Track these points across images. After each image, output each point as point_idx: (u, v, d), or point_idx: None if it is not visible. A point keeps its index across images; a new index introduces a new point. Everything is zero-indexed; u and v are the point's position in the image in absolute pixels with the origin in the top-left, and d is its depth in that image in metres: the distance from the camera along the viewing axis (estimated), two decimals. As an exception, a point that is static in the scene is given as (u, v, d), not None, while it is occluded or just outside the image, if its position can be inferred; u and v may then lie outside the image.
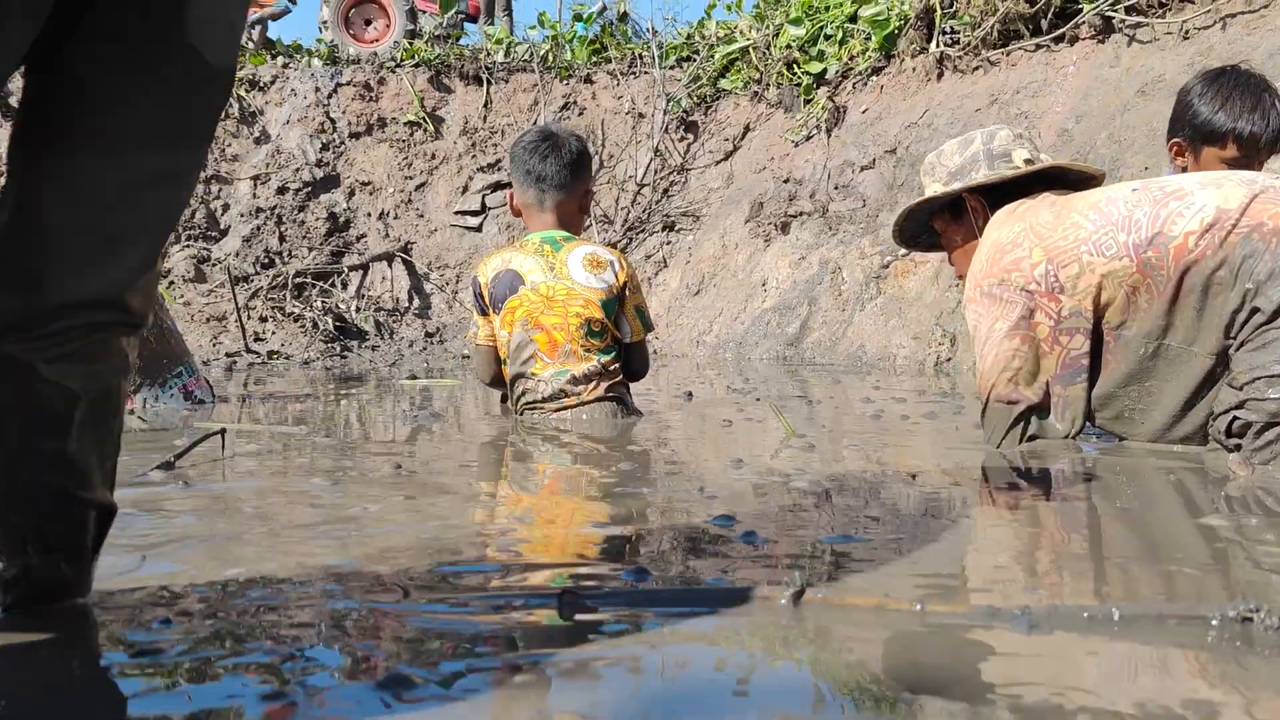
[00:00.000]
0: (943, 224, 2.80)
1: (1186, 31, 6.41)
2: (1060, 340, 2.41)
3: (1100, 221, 2.38)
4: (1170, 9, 6.64)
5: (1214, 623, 1.08)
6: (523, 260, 3.24)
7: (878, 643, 1.09)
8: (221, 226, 9.84)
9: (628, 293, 3.26)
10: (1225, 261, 2.22)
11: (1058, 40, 7.20)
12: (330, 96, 10.64)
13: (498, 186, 10.26)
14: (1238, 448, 2.20)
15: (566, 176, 3.26)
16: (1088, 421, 2.46)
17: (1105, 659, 1.03)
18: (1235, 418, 2.19)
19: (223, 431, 2.53)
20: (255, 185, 10.07)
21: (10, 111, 9.79)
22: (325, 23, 12.18)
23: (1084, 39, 7.08)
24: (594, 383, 3.21)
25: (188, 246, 9.49)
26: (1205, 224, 2.25)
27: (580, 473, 2.34)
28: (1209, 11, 6.34)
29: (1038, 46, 7.32)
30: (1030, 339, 2.44)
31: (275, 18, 11.81)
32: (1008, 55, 7.50)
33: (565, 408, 3.20)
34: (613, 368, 3.25)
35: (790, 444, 2.73)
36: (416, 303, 9.71)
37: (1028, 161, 2.63)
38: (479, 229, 10.15)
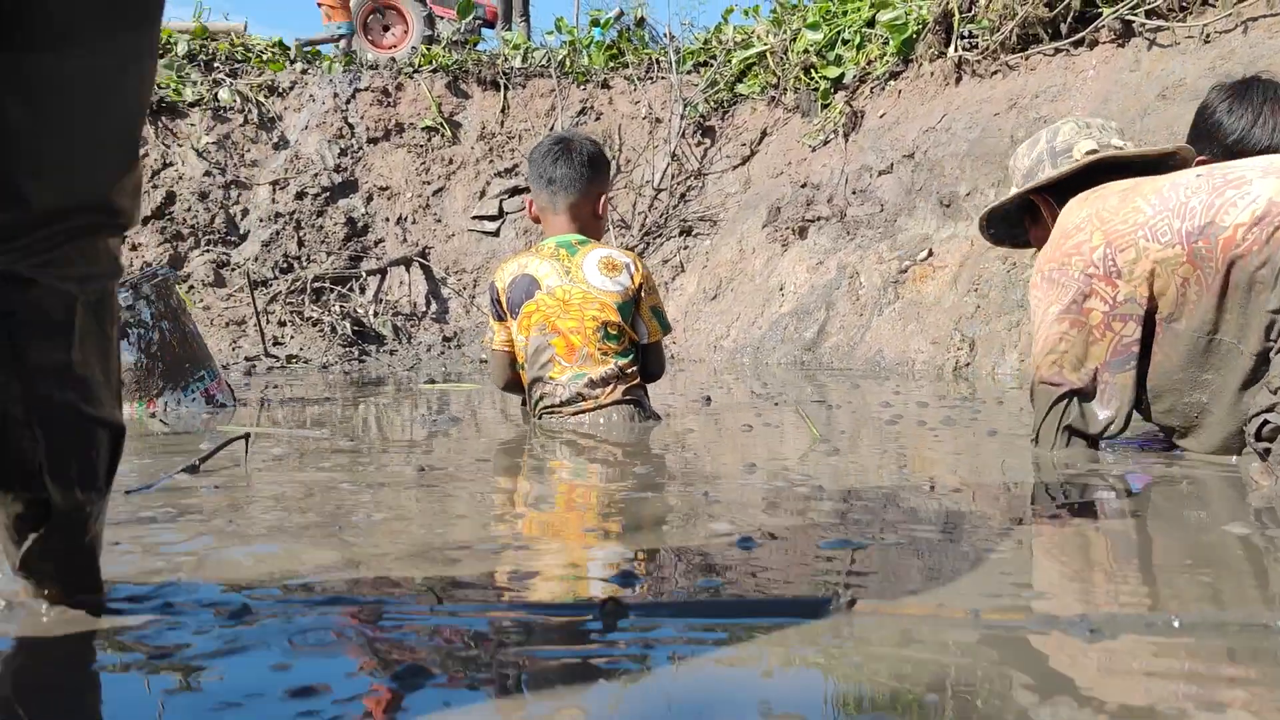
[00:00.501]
0: (1027, 224, 2.83)
1: (1207, 35, 6.37)
2: (1113, 326, 2.36)
3: (1159, 206, 2.32)
4: (1191, 12, 6.61)
5: (1277, 628, 1.07)
6: (539, 265, 3.25)
7: (935, 651, 1.06)
8: (240, 231, 9.88)
9: (643, 294, 3.27)
10: (1269, 260, 2.15)
11: (1077, 44, 7.17)
12: (348, 102, 10.69)
13: (515, 191, 10.29)
14: (1267, 452, 2.16)
15: (579, 179, 3.28)
16: (1131, 417, 2.41)
17: (1169, 666, 1.01)
18: (1266, 421, 2.15)
19: (247, 436, 2.54)
20: (274, 190, 10.12)
21: None
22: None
23: (1104, 43, 7.05)
24: (611, 386, 3.21)
25: (207, 251, 9.54)
26: (1255, 216, 2.17)
27: (601, 478, 2.34)
28: (1230, 15, 6.31)
29: (1057, 50, 7.29)
30: (1080, 324, 2.40)
31: (332, 41, 11.87)
32: (1026, 59, 7.47)
33: (583, 411, 3.20)
34: (630, 370, 3.25)
35: (815, 448, 2.73)
36: (434, 307, 9.74)
37: (1091, 153, 2.59)
38: (496, 234, 10.17)
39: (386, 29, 12.44)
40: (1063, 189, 2.63)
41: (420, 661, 1.03)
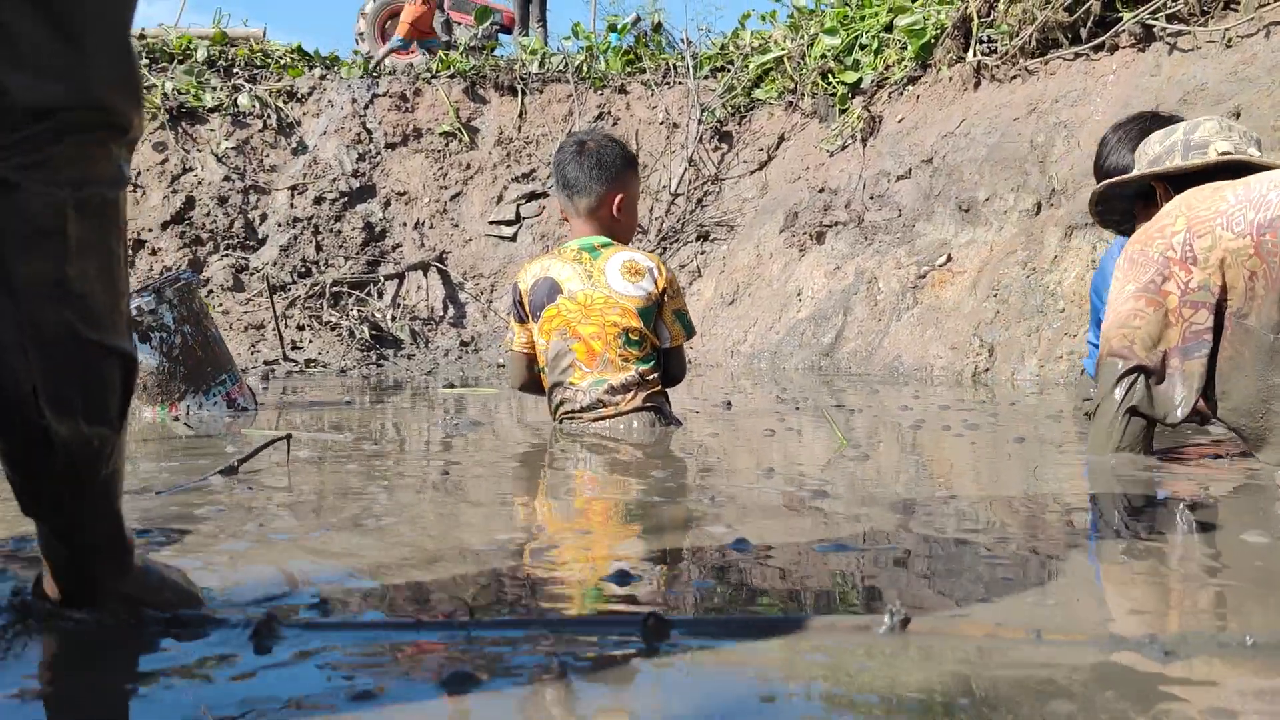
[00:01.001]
0: (1139, 209, 2.81)
1: (1229, 39, 6.34)
2: (1184, 313, 2.31)
3: (1242, 196, 2.27)
4: (1212, 16, 6.57)
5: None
6: (561, 268, 3.23)
7: (995, 673, 1.01)
8: (259, 236, 9.93)
9: (667, 298, 3.23)
10: None
11: (1097, 49, 7.15)
12: (367, 107, 10.73)
13: (532, 196, 10.31)
14: None
15: (592, 181, 3.26)
16: (1194, 406, 2.33)
17: (1250, 687, 0.97)
18: None
19: (288, 437, 2.55)
20: (292, 195, 10.16)
21: None
22: (361, 34, 12.33)
23: (1124, 47, 7.02)
24: (632, 392, 3.18)
25: (226, 256, 9.59)
26: None
27: (626, 485, 2.33)
28: (1252, 19, 6.27)
29: (1076, 55, 7.26)
30: (1156, 303, 2.35)
31: (398, 54, 11.95)
32: (1046, 64, 7.44)
33: (603, 418, 3.18)
34: (651, 377, 3.22)
35: (844, 455, 2.71)
36: (451, 312, 9.76)
37: (1225, 154, 2.54)
38: (513, 239, 10.19)
39: (404, 35, 12.50)
40: (1185, 184, 2.56)
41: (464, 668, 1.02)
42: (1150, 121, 3.08)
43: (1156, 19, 6.76)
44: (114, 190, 0.99)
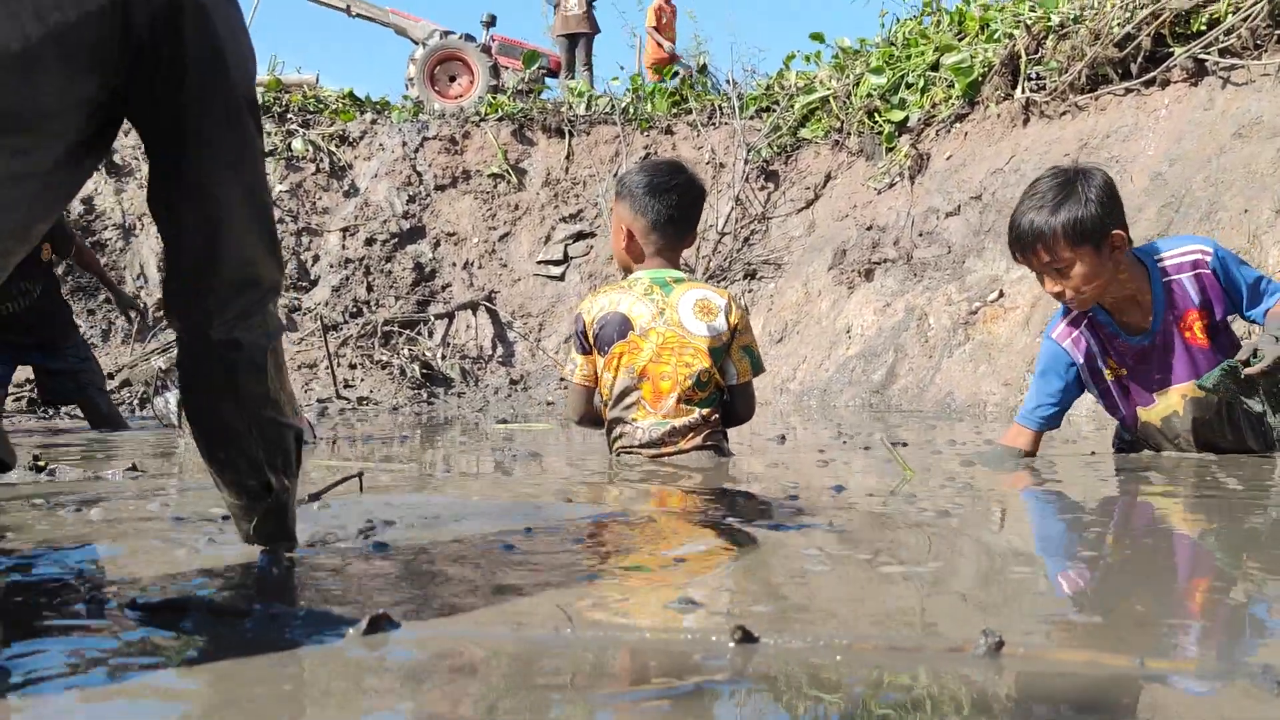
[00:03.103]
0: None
1: (1284, 73, 6.30)
2: None
3: None
4: (1266, 50, 6.53)
5: None
6: (632, 303, 3.15)
7: (1098, 705, 0.97)
8: (312, 277, 10.09)
9: (736, 334, 3.17)
10: None
11: (1148, 84, 7.12)
12: (417, 150, 10.90)
13: (580, 236, 10.40)
14: None
15: (688, 218, 3.21)
16: None
17: None
18: None
19: (360, 475, 2.58)
20: (344, 237, 10.32)
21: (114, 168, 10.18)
22: (411, 79, 12.54)
23: (1175, 82, 6.99)
24: (691, 434, 3.15)
25: (279, 296, 9.75)
26: None
27: (703, 506, 2.33)
28: (1307, 52, 6.23)
29: (1127, 91, 7.24)
30: None
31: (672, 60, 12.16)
32: (1096, 100, 7.43)
33: (662, 455, 3.16)
34: (713, 418, 3.18)
35: (909, 483, 2.70)
36: (500, 350, 9.83)
37: None
38: (561, 278, 10.27)
39: (453, 79, 12.72)
40: None
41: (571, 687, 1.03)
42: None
43: (1209, 53, 6.73)
44: (281, 333, 1.53)
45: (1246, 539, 1.87)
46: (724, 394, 3.23)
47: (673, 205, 3.16)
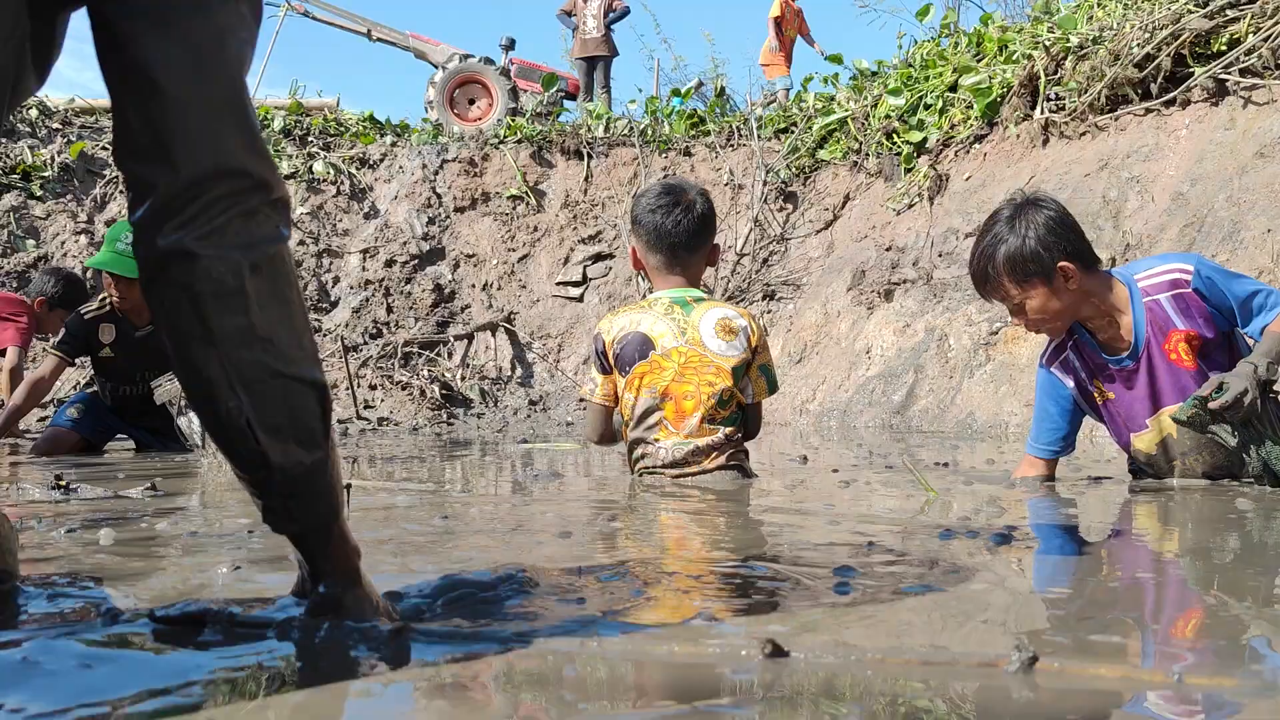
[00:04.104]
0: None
1: (1306, 92, 6.27)
2: None
3: None
4: (1287, 70, 6.51)
5: None
6: (653, 323, 3.15)
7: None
8: (332, 298, 10.14)
9: (756, 354, 3.19)
10: None
11: (1168, 104, 7.10)
12: (436, 173, 10.97)
13: (598, 258, 10.42)
14: None
15: (699, 236, 3.19)
16: None
17: None
18: None
19: (348, 486, 2.57)
20: (364, 259, 10.38)
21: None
22: (431, 103, 12.63)
23: (1196, 102, 6.97)
24: (715, 453, 3.14)
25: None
26: None
27: (719, 524, 2.32)
28: (1329, 71, 6.21)
29: (1147, 111, 7.22)
30: None
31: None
32: (1116, 120, 7.41)
33: (685, 474, 3.14)
34: (736, 437, 3.18)
35: (934, 504, 2.68)
36: (519, 371, 9.85)
37: None
38: (580, 299, 10.29)
39: (472, 102, 12.80)
40: None
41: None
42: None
43: (1229, 73, 6.71)
44: (274, 247, 1.16)
45: (1275, 558, 1.84)
46: (743, 413, 3.22)
47: (667, 227, 3.16)
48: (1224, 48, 6.78)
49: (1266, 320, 2.73)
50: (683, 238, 3.17)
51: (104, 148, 10.36)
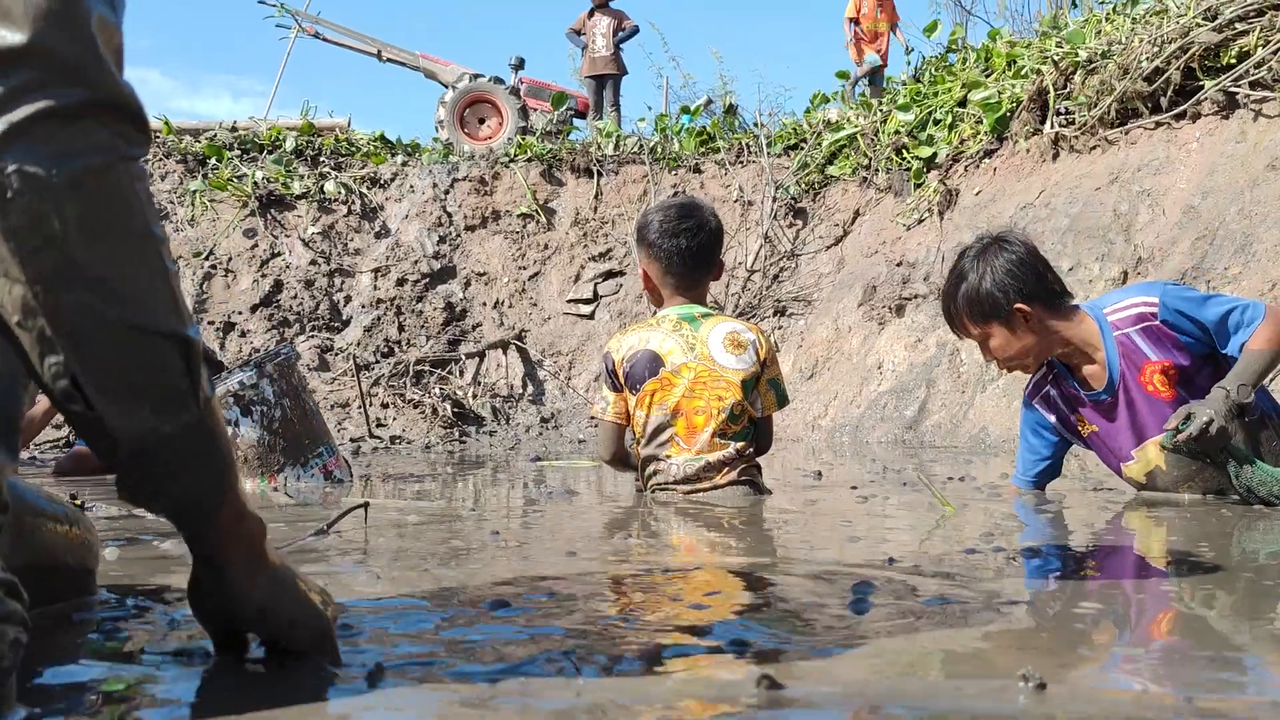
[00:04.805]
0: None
1: (1316, 104, 6.27)
2: None
3: None
4: (1297, 82, 6.51)
5: None
6: (662, 340, 3.16)
7: None
8: (344, 317, 10.17)
9: (765, 368, 3.20)
10: None
11: (1178, 117, 7.10)
12: (447, 192, 11.01)
13: (609, 275, 10.44)
14: None
15: (712, 253, 3.21)
16: None
17: None
18: None
19: (365, 505, 2.59)
20: (376, 278, 10.42)
21: None
22: (441, 122, 12.69)
23: (1206, 115, 6.97)
24: (726, 469, 3.14)
25: (312, 337, 9.83)
26: None
27: (733, 546, 2.32)
28: (1339, 83, 6.20)
29: (1158, 124, 7.22)
30: None
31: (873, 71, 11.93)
32: (1126, 134, 7.41)
33: (697, 490, 3.14)
34: (747, 452, 3.18)
35: (949, 520, 2.67)
36: (531, 389, 9.86)
37: None
38: (591, 316, 10.31)
39: (482, 121, 12.86)
40: None
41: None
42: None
43: (1239, 86, 6.71)
44: (104, 161, 0.90)
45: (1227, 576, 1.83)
46: (754, 428, 3.23)
47: (685, 247, 3.17)
48: (1233, 60, 6.78)
49: (1243, 338, 2.69)
50: (701, 258, 3.20)
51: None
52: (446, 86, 12.90)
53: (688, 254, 3.17)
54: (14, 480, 1.20)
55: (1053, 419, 3.04)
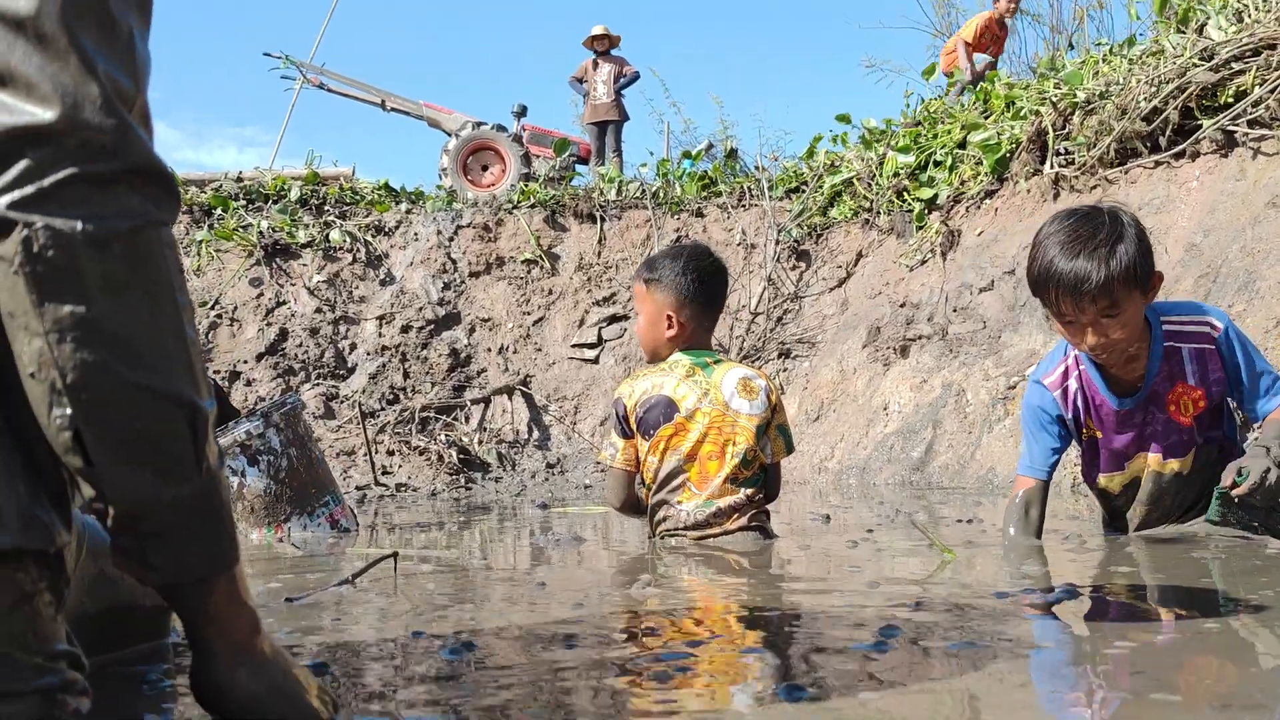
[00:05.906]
0: None
1: (1315, 142, 6.30)
2: None
3: None
4: (1295, 120, 6.55)
5: None
6: (675, 385, 3.16)
7: None
8: (349, 365, 10.19)
9: (774, 413, 3.22)
10: None
11: (1178, 156, 7.14)
12: (451, 239, 11.07)
13: (613, 319, 10.46)
14: None
15: (723, 298, 3.31)
16: None
17: None
18: None
19: (395, 555, 2.58)
20: (381, 325, 10.45)
21: None
22: (445, 170, 12.81)
23: (1205, 154, 7.00)
24: (736, 514, 3.14)
25: (317, 384, 9.84)
26: None
27: (741, 587, 2.31)
28: (1337, 121, 6.24)
29: (1157, 163, 7.26)
30: None
31: (977, 80, 11.80)
32: (1126, 173, 7.45)
33: (708, 536, 3.14)
34: (758, 498, 3.19)
35: (953, 564, 2.66)
36: (536, 434, 9.85)
37: None
38: (596, 361, 10.32)
39: (485, 169, 12.98)
40: None
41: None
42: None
43: (1237, 125, 6.75)
44: (133, 225, 0.93)
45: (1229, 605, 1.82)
46: (764, 473, 3.23)
47: (718, 288, 3.27)
48: (1231, 100, 6.83)
49: (1269, 407, 2.65)
50: (720, 300, 3.31)
51: None
52: (450, 134, 13.03)
53: (720, 299, 3.29)
54: (90, 521, 1.19)
55: (1067, 413, 2.90)
